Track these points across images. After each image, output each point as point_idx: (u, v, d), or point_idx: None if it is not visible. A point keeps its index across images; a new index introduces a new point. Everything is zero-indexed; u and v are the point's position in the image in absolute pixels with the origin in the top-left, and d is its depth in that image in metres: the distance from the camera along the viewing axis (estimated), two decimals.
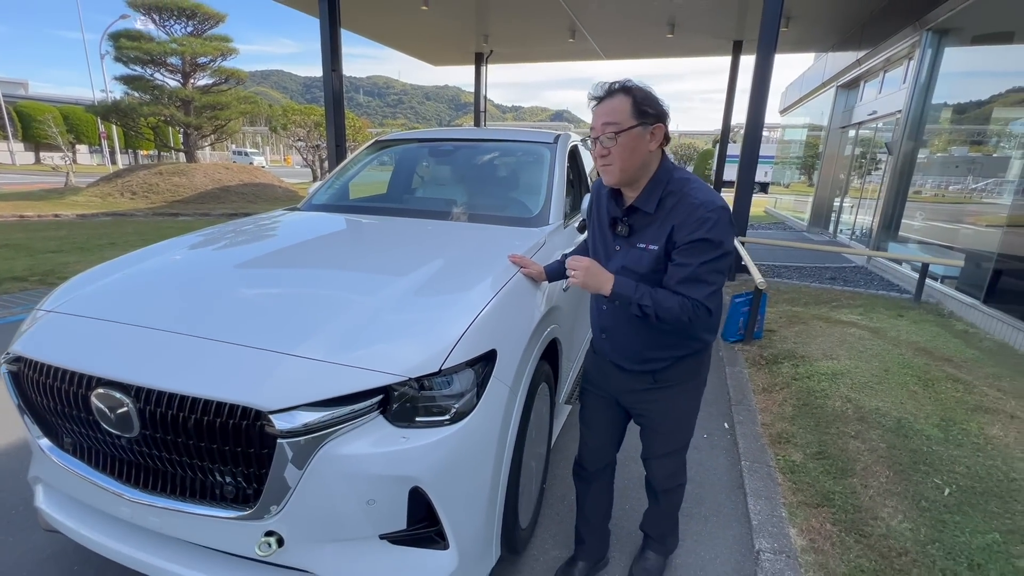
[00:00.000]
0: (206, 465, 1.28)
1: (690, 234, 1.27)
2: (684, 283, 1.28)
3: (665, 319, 1.28)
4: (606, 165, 1.33)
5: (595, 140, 1.33)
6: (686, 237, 1.27)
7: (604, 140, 1.29)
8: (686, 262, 1.28)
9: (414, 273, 1.68)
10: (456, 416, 1.32)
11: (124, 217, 10.91)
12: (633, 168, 1.32)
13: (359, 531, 1.27)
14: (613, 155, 1.30)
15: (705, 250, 1.27)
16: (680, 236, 1.28)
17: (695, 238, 1.26)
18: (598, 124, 1.31)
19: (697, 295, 1.27)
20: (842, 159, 11.15)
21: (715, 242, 1.27)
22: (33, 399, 1.47)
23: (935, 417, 2.83)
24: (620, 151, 1.29)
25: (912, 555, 1.89)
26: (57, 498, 1.62)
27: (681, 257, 1.29)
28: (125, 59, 13.93)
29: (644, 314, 1.29)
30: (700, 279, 1.27)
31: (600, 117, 1.30)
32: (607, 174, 1.35)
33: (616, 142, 1.28)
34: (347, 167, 3.18)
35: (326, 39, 7.47)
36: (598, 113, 1.32)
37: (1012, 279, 4.70)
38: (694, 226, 1.26)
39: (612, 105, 1.29)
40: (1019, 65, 5.34)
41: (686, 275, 1.27)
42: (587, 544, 1.80)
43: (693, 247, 1.27)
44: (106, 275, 1.74)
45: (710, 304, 1.29)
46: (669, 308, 1.27)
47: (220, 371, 1.23)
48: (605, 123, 1.29)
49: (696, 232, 1.26)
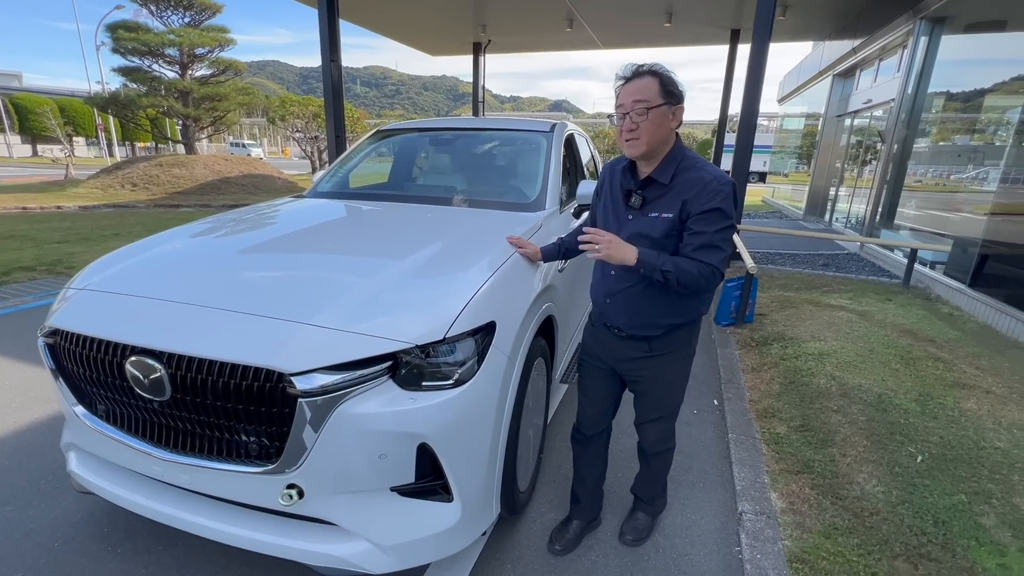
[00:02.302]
0: (232, 425, 1.41)
1: (705, 204, 1.41)
2: (700, 249, 1.42)
3: (684, 283, 1.41)
4: (633, 139, 1.44)
5: (623, 115, 1.44)
6: (701, 207, 1.41)
7: (634, 115, 1.41)
8: (702, 230, 1.42)
9: (420, 252, 1.81)
10: (459, 381, 1.45)
11: (126, 209, 11.00)
12: (656, 142, 1.44)
13: (372, 483, 1.41)
14: (641, 129, 1.41)
15: (718, 219, 1.41)
16: (695, 207, 1.42)
17: (710, 207, 1.40)
18: (628, 101, 1.42)
19: (712, 260, 1.41)
20: (838, 148, 11.23)
21: (726, 212, 1.42)
22: (69, 369, 1.59)
23: (914, 392, 2.97)
24: (648, 126, 1.41)
25: (883, 514, 2.03)
26: (89, 462, 1.75)
27: (697, 226, 1.42)
28: (123, 50, 13.92)
29: (666, 279, 1.41)
30: (715, 245, 1.42)
31: (630, 95, 1.42)
32: (633, 147, 1.46)
33: (647, 117, 1.41)
34: (350, 156, 3.28)
35: (324, 29, 7.50)
36: (628, 91, 1.43)
37: (996, 264, 4.83)
38: (708, 197, 1.41)
39: (641, 84, 1.41)
40: (1010, 53, 5.43)
41: (702, 242, 1.42)
42: (582, 504, 1.94)
43: (707, 216, 1.41)
44: (129, 257, 1.86)
45: (722, 268, 1.44)
46: (688, 271, 1.40)
47: (245, 338, 1.36)
48: (636, 100, 1.41)
49: (710, 202, 1.40)
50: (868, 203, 8.20)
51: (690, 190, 1.43)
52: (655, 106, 1.40)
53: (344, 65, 8.04)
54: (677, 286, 1.42)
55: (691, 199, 1.42)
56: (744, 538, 1.96)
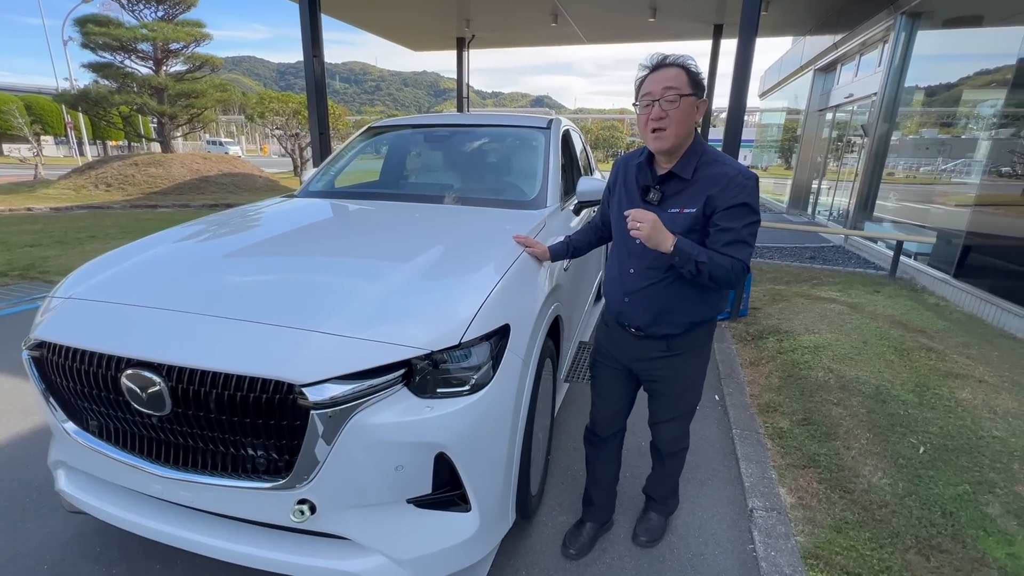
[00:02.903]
0: (238, 439, 1.34)
1: (732, 199, 1.38)
2: (730, 245, 1.38)
3: (715, 276, 1.38)
4: (660, 130, 1.39)
5: (650, 103, 1.39)
6: (727, 202, 1.38)
7: (664, 103, 1.37)
8: (730, 226, 1.38)
9: (426, 253, 1.74)
10: (475, 387, 1.40)
11: (100, 210, 10.63)
12: (683, 135, 1.41)
13: (388, 496, 1.35)
14: (670, 119, 1.37)
15: (745, 214, 1.39)
16: (721, 202, 1.38)
17: (737, 202, 1.37)
18: (657, 88, 1.37)
19: (743, 256, 1.39)
20: (820, 141, 11.40)
21: (752, 207, 1.39)
22: (58, 384, 1.50)
23: (910, 383, 3.01)
24: (677, 115, 1.37)
25: (891, 507, 2.05)
26: (80, 480, 1.66)
27: (724, 222, 1.39)
28: (93, 45, 13.40)
29: (698, 271, 1.37)
30: (744, 241, 1.39)
31: (660, 82, 1.38)
32: (660, 139, 1.41)
33: (678, 105, 1.36)
34: (342, 154, 3.19)
35: (306, 24, 7.29)
36: (656, 79, 1.39)
37: (979, 255, 4.94)
38: (734, 192, 1.38)
39: (671, 73, 1.37)
40: (987, 48, 5.55)
41: (732, 238, 1.38)
42: (596, 506, 1.91)
43: (735, 211, 1.38)
44: (118, 262, 1.76)
45: (749, 264, 1.41)
46: (720, 265, 1.37)
47: (252, 348, 1.29)
48: (667, 87, 1.36)
49: (737, 197, 1.37)
50: (852, 196, 8.33)
51: (714, 185, 1.40)
52: (685, 94, 1.37)
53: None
54: (708, 280, 1.39)
55: (716, 194, 1.39)
56: (757, 535, 1.96)
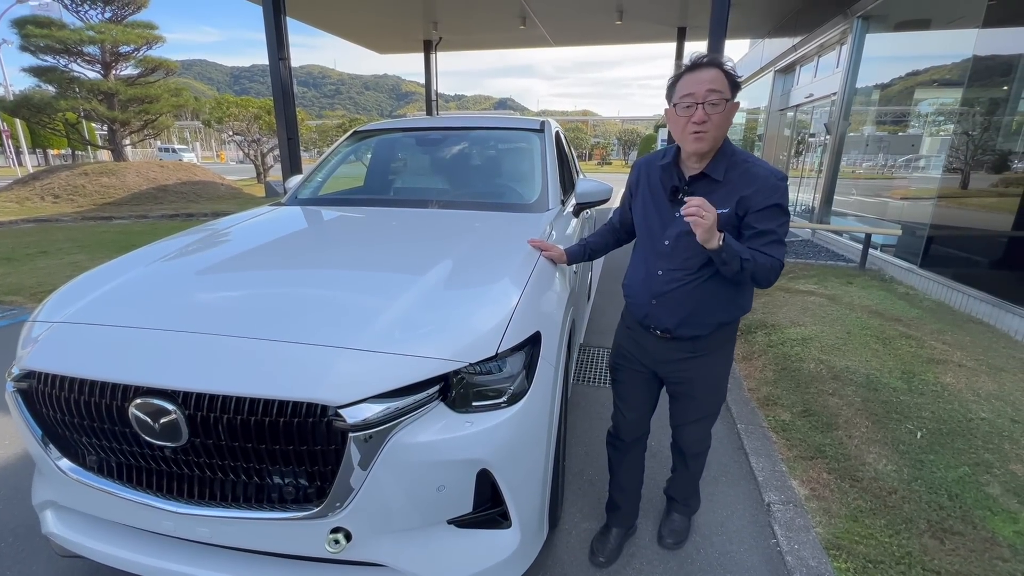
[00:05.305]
0: (263, 468, 1.24)
1: (766, 200, 1.37)
2: (770, 245, 1.38)
3: (757, 275, 1.37)
4: (701, 132, 1.36)
5: (691, 105, 1.35)
6: (762, 203, 1.38)
7: (708, 106, 1.34)
8: (768, 227, 1.38)
9: (442, 262, 1.67)
10: (512, 398, 1.35)
11: (49, 223, 9.95)
12: (721, 137, 1.40)
13: (428, 518, 1.29)
14: (712, 122, 1.35)
15: (779, 214, 1.39)
16: (755, 202, 1.38)
17: (771, 203, 1.38)
18: (701, 89, 1.34)
19: (780, 255, 1.39)
20: (782, 139, 11.83)
21: (784, 207, 1.40)
22: (50, 417, 1.36)
23: (897, 371, 3.12)
24: (719, 118, 1.35)
25: (901, 493, 2.10)
26: (73, 520, 1.52)
27: (761, 223, 1.39)
28: (33, 48, 12.56)
29: (743, 268, 1.35)
30: (780, 240, 1.40)
31: (703, 83, 1.34)
32: (700, 141, 1.38)
33: (722, 109, 1.34)
34: (327, 160, 3.07)
35: (271, 26, 7.06)
36: (699, 80, 1.35)
37: (943, 246, 5.22)
38: (768, 193, 1.37)
39: (713, 75, 1.34)
40: (935, 49, 5.88)
41: (771, 239, 1.38)
42: (622, 511, 1.89)
43: (770, 212, 1.38)
44: (107, 280, 1.62)
45: (783, 262, 1.42)
46: (763, 265, 1.36)
47: (278, 369, 1.20)
48: (711, 89, 1.33)
49: (771, 198, 1.38)
50: (815, 191, 8.67)
51: (748, 186, 1.39)
52: (728, 98, 1.36)
53: None
54: (749, 278, 1.40)
55: (750, 195, 1.39)
56: (778, 529, 1.97)
